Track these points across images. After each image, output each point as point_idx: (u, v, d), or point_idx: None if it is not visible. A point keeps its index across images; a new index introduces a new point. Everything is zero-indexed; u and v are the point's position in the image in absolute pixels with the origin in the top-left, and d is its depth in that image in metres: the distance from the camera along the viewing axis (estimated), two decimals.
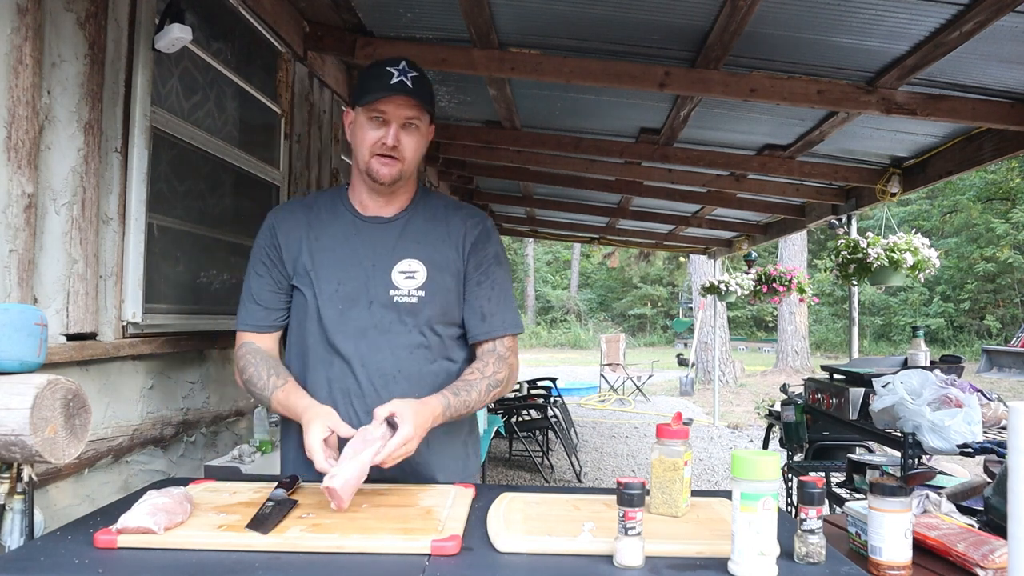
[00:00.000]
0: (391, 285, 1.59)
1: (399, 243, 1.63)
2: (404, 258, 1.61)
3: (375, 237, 1.63)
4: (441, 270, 1.62)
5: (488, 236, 1.69)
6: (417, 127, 1.60)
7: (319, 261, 1.62)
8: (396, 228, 1.65)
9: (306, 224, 1.66)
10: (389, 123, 1.56)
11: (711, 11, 2.50)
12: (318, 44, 3.17)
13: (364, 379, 1.57)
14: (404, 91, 1.54)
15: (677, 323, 22.30)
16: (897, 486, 1.23)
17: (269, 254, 1.66)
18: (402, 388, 1.57)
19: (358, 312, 1.58)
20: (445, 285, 1.62)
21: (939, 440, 2.57)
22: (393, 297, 1.59)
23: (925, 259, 4.37)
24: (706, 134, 4.21)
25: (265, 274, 1.65)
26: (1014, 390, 11.19)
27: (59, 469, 1.69)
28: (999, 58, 2.68)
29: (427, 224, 1.66)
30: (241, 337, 1.66)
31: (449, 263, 1.64)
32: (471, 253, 1.66)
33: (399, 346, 1.58)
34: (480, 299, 1.65)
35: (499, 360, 1.63)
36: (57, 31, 1.68)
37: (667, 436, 1.34)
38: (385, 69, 1.56)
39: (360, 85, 1.61)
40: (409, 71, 1.56)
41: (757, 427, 9.22)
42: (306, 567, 1.06)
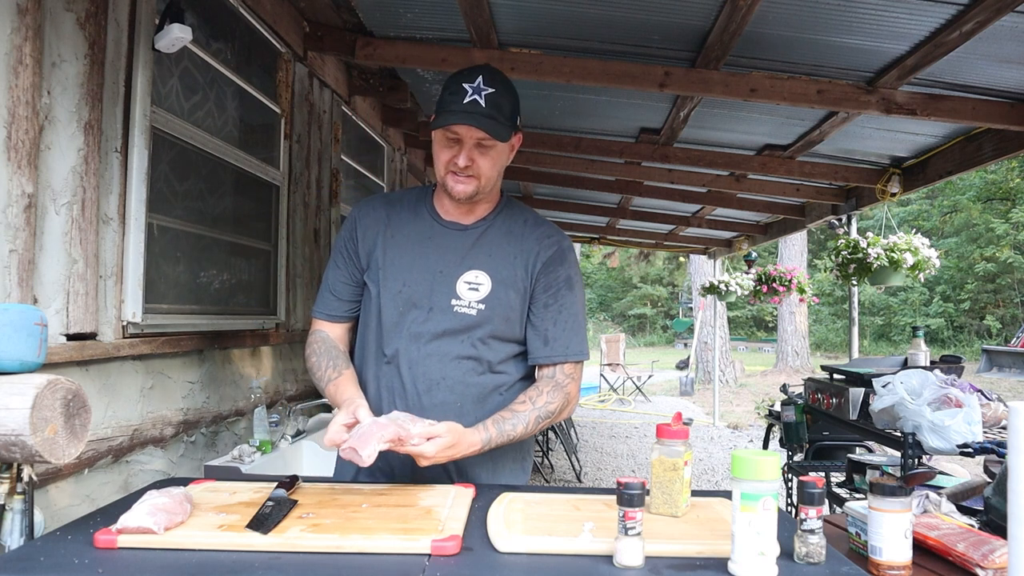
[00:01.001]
0: (454, 294, 1.59)
1: (470, 253, 1.62)
2: (472, 269, 1.60)
3: (449, 243, 1.63)
4: (507, 286, 1.60)
5: (562, 258, 1.65)
6: (493, 146, 1.56)
7: (390, 259, 1.62)
8: (471, 237, 1.63)
9: (385, 220, 1.66)
10: (462, 143, 1.54)
11: (711, 11, 2.50)
12: (318, 44, 3.18)
13: (409, 381, 1.58)
14: (475, 113, 1.50)
15: (677, 323, 22.30)
16: (897, 486, 1.23)
17: (348, 247, 1.67)
18: (443, 395, 1.58)
19: (416, 315, 1.58)
20: (508, 302, 1.60)
21: (939, 440, 2.57)
22: (454, 307, 1.58)
23: (925, 259, 4.37)
24: (706, 134, 4.20)
25: (343, 266, 1.67)
26: (1014, 390, 11.19)
27: (59, 469, 1.69)
28: (999, 58, 2.68)
29: (503, 237, 1.64)
30: (315, 325, 1.70)
31: (516, 280, 1.61)
32: (541, 274, 1.62)
33: (448, 355, 1.58)
34: (546, 322, 1.62)
35: (555, 388, 1.60)
36: (57, 31, 1.68)
37: (667, 436, 1.34)
38: (460, 86, 1.52)
39: (440, 97, 1.58)
40: (484, 88, 1.52)
41: (757, 427, 9.22)
42: (306, 567, 1.06)
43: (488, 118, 1.51)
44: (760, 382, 14.54)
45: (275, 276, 3.05)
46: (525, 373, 1.66)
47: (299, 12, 3.06)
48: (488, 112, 1.51)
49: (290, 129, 3.12)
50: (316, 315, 1.70)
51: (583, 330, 1.68)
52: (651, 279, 31.22)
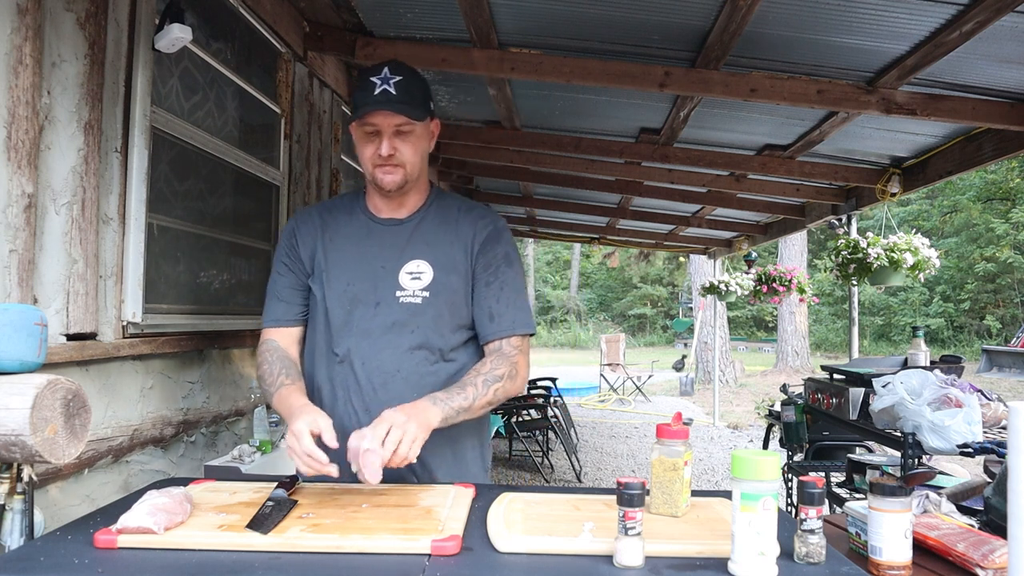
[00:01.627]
0: (398, 286, 1.62)
1: (409, 245, 1.65)
2: (412, 259, 1.63)
3: (387, 239, 1.66)
4: (448, 271, 1.63)
5: (498, 237, 1.69)
6: (411, 130, 1.60)
7: (332, 261, 1.66)
8: (407, 230, 1.67)
9: (322, 226, 1.71)
10: (381, 134, 1.58)
11: (711, 11, 2.50)
12: (318, 44, 3.17)
13: (364, 377, 1.60)
14: (387, 105, 1.54)
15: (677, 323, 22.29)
16: (897, 486, 1.23)
17: (289, 254, 1.71)
18: (399, 388, 1.58)
19: (364, 311, 1.61)
20: (451, 286, 1.63)
21: (939, 440, 2.57)
22: (399, 298, 1.61)
23: (925, 259, 4.37)
24: (706, 134, 4.20)
25: (285, 272, 1.70)
26: (1014, 390, 11.19)
27: (59, 469, 1.69)
28: (999, 58, 2.68)
29: (438, 226, 1.68)
30: (264, 334, 1.70)
31: (457, 264, 1.65)
32: (479, 254, 1.66)
33: (400, 346, 1.60)
34: (489, 299, 1.65)
35: (499, 357, 1.62)
36: (57, 31, 1.68)
37: (667, 436, 1.34)
38: (369, 80, 1.57)
39: (354, 99, 1.63)
40: (392, 77, 1.57)
41: (757, 427, 9.22)
42: (306, 567, 1.06)
43: (401, 103, 1.55)
44: (760, 382, 14.53)
45: None
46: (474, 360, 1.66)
47: (299, 12, 3.06)
48: (400, 98, 1.55)
49: (290, 129, 3.12)
50: (265, 324, 1.70)
51: (526, 304, 1.71)
52: (651, 279, 31.22)
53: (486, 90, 3.69)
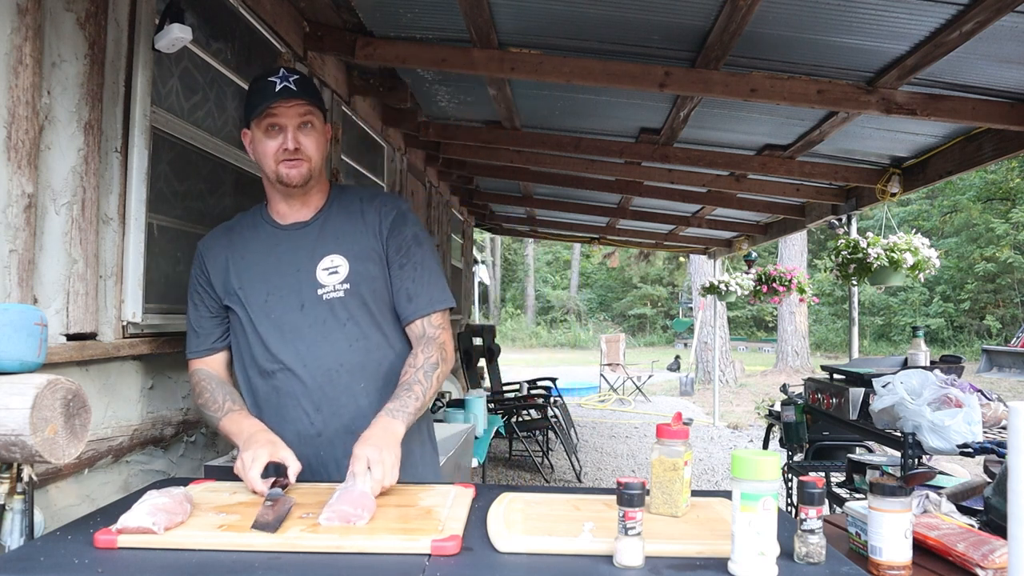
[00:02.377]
0: (317, 284, 1.64)
1: (319, 243, 1.67)
2: (326, 255, 1.65)
3: (296, 242, 1.68)
4: (363, 260, 1.66)
5: (404, 219, 1.72)
6: (313, 125, 1.64)
7: (246, 278, 1.67)
8: (314, 229, 1.69)
9: (228, 246, 1.73)
10: (285, 128, 1.60)
11: (711, 11, 2.50)
12: (318, 44, 3.17)
13: (308, 379, 1.62)
14: (291, 94, 1.58)
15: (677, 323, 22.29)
16: (897, 486, 1.23)
17: (199, 281, 1.73)
18: (345, 380, 1.62)
19: (291, 316, 1.63)
20: (370, 274, 1.65)
21: (939, 440, 2.57)
22: (322, 295, 1.63)
23: (925, 259, 4.37)
24: (706, 134, 4.21)
25: (199, 303, 1.73)
26: (1014, 390, 11.19)
27: (59, 469, 1.69)
28: (999, 58, 2.68)
29: (344, 219, 1.70)
30: (191, 365, 1.75)
31: (370, 252, 1.67)
32: (389, 238, 1.68)
33: (337, 340, 1.62)
34: (404, 281, 1.68)
35: (428, 343, 1.65)
36: (57, 31, 1.68)
37: (667, 436, 1.34)
38: (267, 80, 1.60)
39: (247, 103, 1.65)
40: (290, 75, 1.61)
41: (757, 427, 9.22)
42: (306, 567, 1.06)
43: (305, 94, 1.60)
44: (760, 382, 14.53)
45: None
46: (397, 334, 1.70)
47: (299, 12, 3.06)
48: (302, 91, 1.60)
49: None
50: (189, 356, 1.74)
51: (442, 280, 1.73)
52: (651, 279, 31.22)
53: (486, 90, 3.69)
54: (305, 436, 1.62)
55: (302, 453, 1.52)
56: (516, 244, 33.36)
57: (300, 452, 1.52)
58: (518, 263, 34.80)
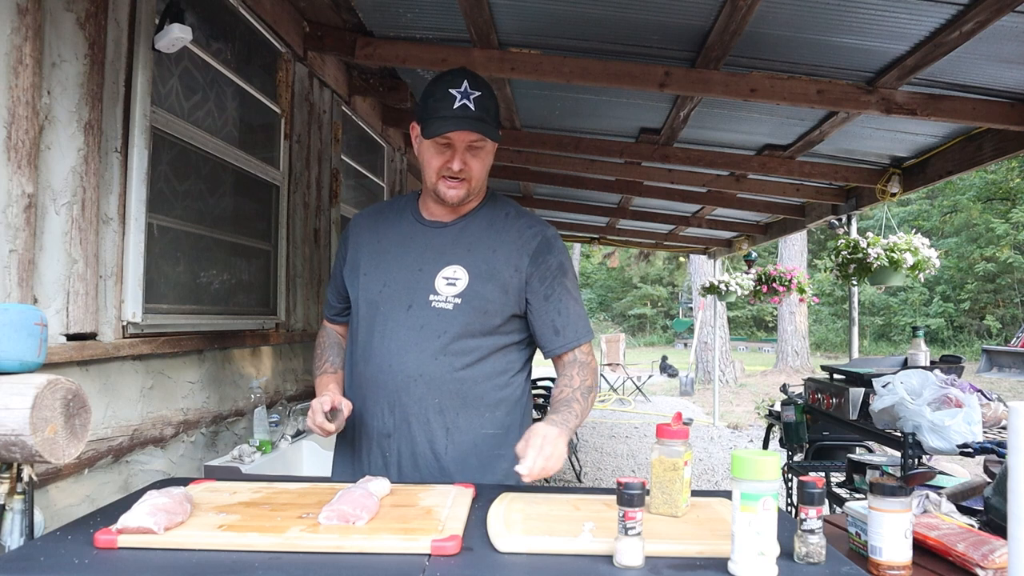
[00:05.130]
0: (432, 290, 1.61)
1: (451, 248, 1.64)
2: (451, 264, 1.62)
3: (429, 241, 1.66)
4: (484, 280, 1.61)
5: (550, 246, 1.65)
6: (481, 146, 1.60)
7: (373, 263, 1.69)
8: (451, 233, 1.66)
9: (373, 228, 1.74)
10: (455, 147, 1.57)
11: (711, 11, 2.50)
12: (318, 44, 3.17)
13: (390, 378, 1.62)
14: (467, 117, 1.53)
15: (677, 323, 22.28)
16: (897, 486, 1.23)
17: (342, 255, 1.79)
18: (420, 392, 1.61)
19: (397, 314, 1.63)
20: (484, 295, 1.60)
21: (939, 440, 2.57)
22: (431, 302, 1.61)
23: (925, 259, 4.37)
24: (706, 134, 4.20)
25: (337, 274, 1.80)
26: (1014, 390, 11.19)
27: (59, 469, 1.69)
28: (999, 58, 2.68)
29: (483, 231, 1.66)
30: (324, 323, 1.89)
31: (496, 272, 1.61)
32: (531, 266, 1.62)
33: (425, 351, 1.60)
34: (551, 313, 1.64)
35: (583, 368, 1.64)
36: (57, 31, 1.68)
37: (667, 436, 1.34)
38: (448, 92, 1.54)
39: (424, 105, 1.60)
40: (471, 92, 1.54)
41: (757, 427, 9.22)
42: (306, 567, 1.06)
43: (480, 121, 1.54)
44: (760, 382, 14.53)
45: (275, 276, 3.05)
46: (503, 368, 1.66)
47: (299, 12, 3.06)
48: (478, 115, 1.55)
49: (290, 129, 3.12)
50: (325, 315, 1.88)
51: (584, 312, 1.71)
52: (651, 279, 31.21)
53: None
54: (379, 432, 1.65)
55: (376, 447, 1.65)
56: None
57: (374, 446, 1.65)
58: None
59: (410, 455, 1.63)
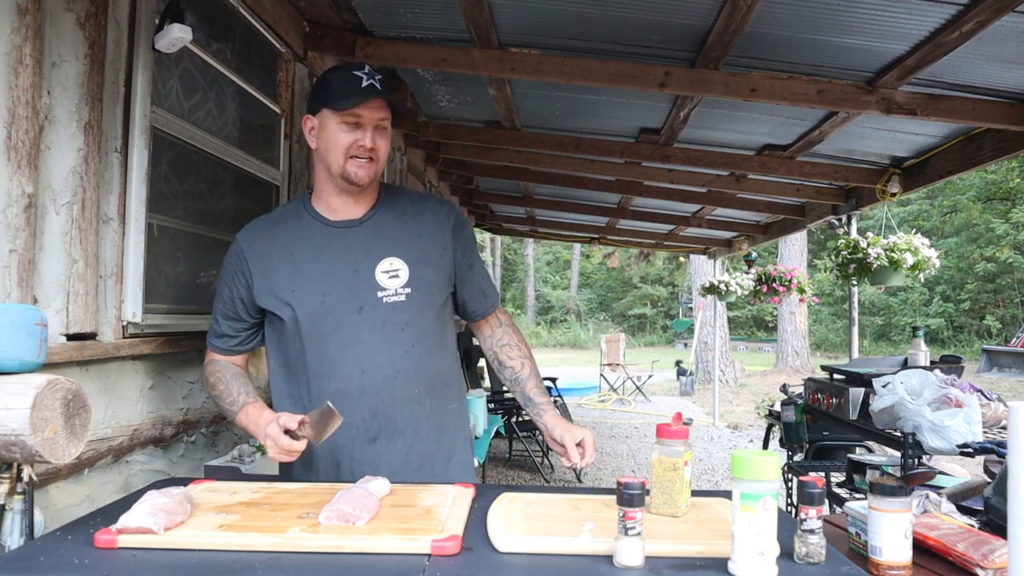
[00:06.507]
0: (377, 287, 1.60)
1: (375, 243, 1.64)
2: (384, 257, 1.63)
3: (349, 241, 1.65)
4: (422, 264, 1.64)
5: (462, 221, 1.76)
6: (387, 127, 1.63)
7: (297, 280, 1.62)
8: (369, 228, 1.67)
9: (274, 243, 1.67)
10: (364, 126, 1.59)
11: (711, 11, 2.50)
12: (318, 44, 3.17)
13: (367, 384, 1.59)
14: (377, 94, 1.57)
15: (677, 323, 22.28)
16: (897, 486, 1.23)
17: (237, 279, 1.67)
18: (402, 387, 1.60)
19: (350, 319, 1.59)
20: (427, 278, 1.65)
21: (939, 440, 2.57)
22: (382, 298, 1.60)
23: (925, 259, 4.37)
24: (706, 134, 4.20)
25: (230, 300, 1.69)
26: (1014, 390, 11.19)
27: (59, 469, 1.69)
28: (999, 58, 2.68)
29: (399, 220, 1.68)
30: (209, 355, 1.74)
31: (430, 256, 1.66)
32: (455, 240, 1.71)
33: (395, 345, 1.60)
34: (476, 279, 1.76)
35: (510, 327, 1.81)
36: (57, 31, 1.68)
37: (667, 436, 1.34)
38: (353, 74, 1.58)
39: (326, 89, 1.61)
40: (375, 74, 1.60)
41: (757, 427, 9.22)
42: (306, 567, 1.06)
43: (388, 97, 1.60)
44: (760, 382, 14.53)
45: None
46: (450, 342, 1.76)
47: (299, 12, 3.06)
48: (386, 93, 1.59)
49: (290, 129, 3.12)
50: (212, 348, 1.74)
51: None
52: (651, 279, 31.21)
53: (486, 90, 3.69)
54: (361, 441, 1.61)
55: (357, 457, 1.59)
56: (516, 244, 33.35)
57: (355, 456, 1.59)
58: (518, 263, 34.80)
59: (402, 451, 1.62)
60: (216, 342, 1.73)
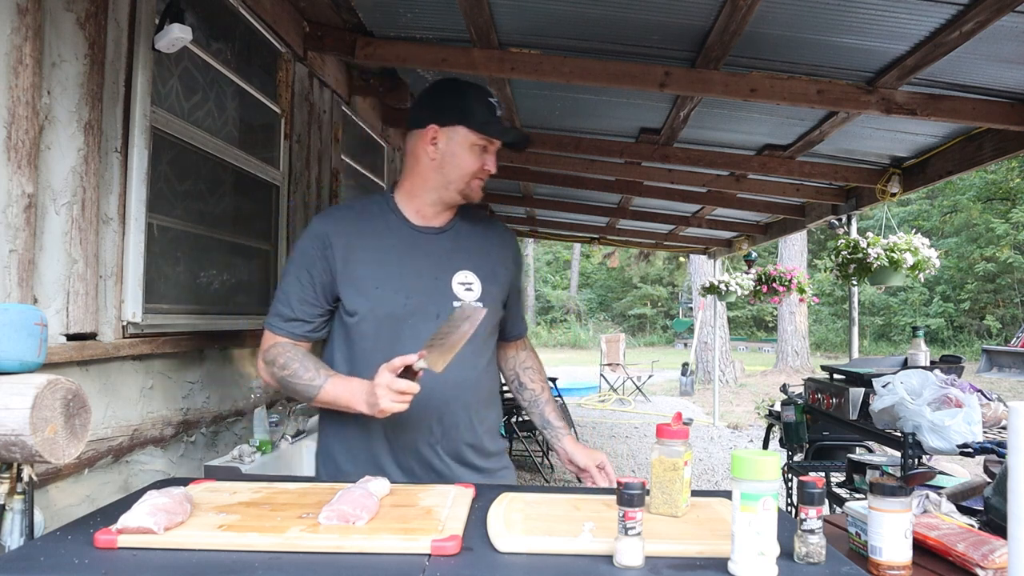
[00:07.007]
0: (453, 296, 1.64)
1: (454, 254, 1.67)
2: (461, 269, 1.66)
3: (432, 248, 1.67)
4: (491, 281, 1.70)
5: (519, 245, 1.85)
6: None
7: (383, 274, 1.61)
8: (448, 238, 1.69)
9: (358, 234, 1.63)
10: (490, 151, 1.65)
11: (711, 11, 2.50)
12: (318, 44, 3.17)
13: (436, 390, 1.57)
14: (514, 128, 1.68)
15: (677, 323, 22.28)
16: (897, 486, 1.23)
17: (316, 263, 1.60)
18: (465, 396, 1.65)
19: (427, 325, 1.57)
20: (494, 295, 1.70)
21: (939, 440, 2.57)
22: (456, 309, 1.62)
23: (925, 259, 4.37)
24: (706, 134, 4.20)
25: (307, 284, 1.61)
26: (1014, 390, 11.19)
27: (59, 469, 1.69)
28: (999, 58, 2.68)
29: (474, 236, 1.73)
30: (272, 338, 1.63)
31: (497, 275, 1.72)
32: (514, 263, 1.80)
33: (463, 356, 1.55)
34: (518, 304, 1.85)
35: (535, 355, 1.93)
36: (57, 31, 1.68)
37: (667, 436, 1.34)
38: (488, 100, 1.64)
39: (465, 108, 1.62)
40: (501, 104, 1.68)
41: (757, 427, 9.22)
42: (306, 567, 1.06)
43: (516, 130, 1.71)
44: (760, 382, 14.53)
45: (275, 276, 3.05)
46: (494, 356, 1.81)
47: (299, 12, 3.06)
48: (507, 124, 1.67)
49: (290, 129, 3.12)
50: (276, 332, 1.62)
51: None
52: (651, 279, 31.21)
53: None
54: (426, 445, 1.63)
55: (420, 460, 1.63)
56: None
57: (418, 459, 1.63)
58: None
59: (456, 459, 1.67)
60: (285, 326, 1.62)
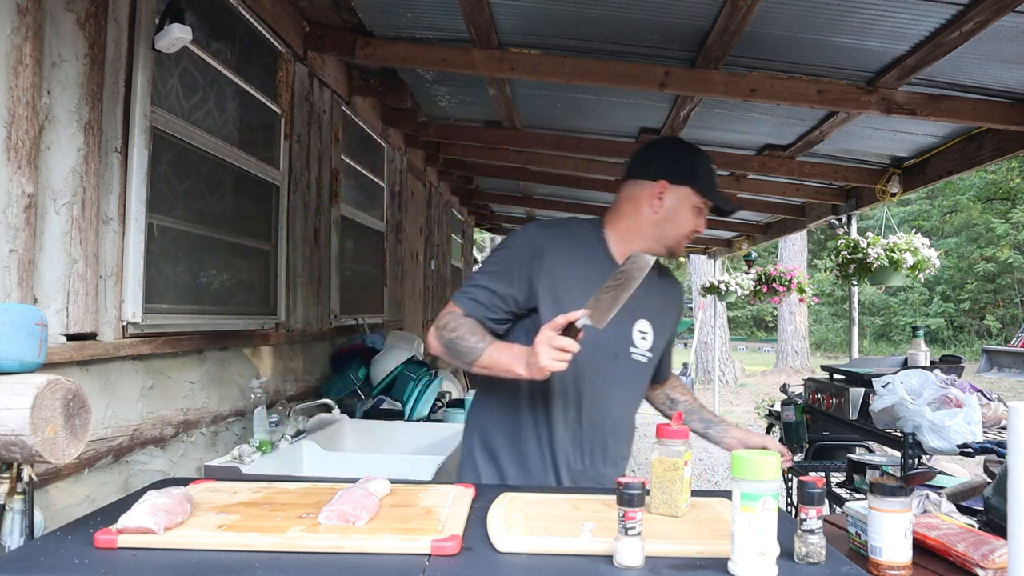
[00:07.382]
0: (632, 343, 1.69)
1: (640, 303, 1.64)
2: (641, 318, 1.71)
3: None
4: (660, 335, 1.75)
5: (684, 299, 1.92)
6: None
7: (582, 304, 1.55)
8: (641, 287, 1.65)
9: (571, 261, 1.65)
10: (703, 214, 1.71)
11: (711, 11, 2.50)
12: (318, 44, 3.17)
13: (587, 424, 1.66)
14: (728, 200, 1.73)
15: None
16: (897, 486, 1.23)
17: (523, 271, 1.62)
18: (610, 440, 1.69)
19: (606, 363, 1.66)
20: (659, 348, 1.76)
21: (939, 440, 2.57)
22: (632, 354, 1.69)
23: (925, 259, 4.37)
24: (706, 134, 4.20)
25: (509, 284, 1.61)
26: (1014, 390, 11.19)
27: (59, 469, 1.69)
28: (999, 58, 2.68)
29: (655, 288, 1.75)
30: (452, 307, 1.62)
31: (665, 329, 1.78)
32: (677, 320, 1.86)
33: (629, 402, 1.71)
34: (670, 353, 1.89)
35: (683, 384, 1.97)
36: (57, 31, 1.68)
37: (667, 436, 1.34)
38: (711, 167, 1.72)
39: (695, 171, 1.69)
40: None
41: (757, 427, 9.22)
42: (306, 567, 1.06)
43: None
44: (760, 382, 14.53)
45: (275, 276, 3.05)
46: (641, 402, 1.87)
47: (299, 12, 3.06)
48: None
49: (290, 129, 3.12)
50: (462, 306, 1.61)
51: None
52: None
53: (486, 90, 3.69)
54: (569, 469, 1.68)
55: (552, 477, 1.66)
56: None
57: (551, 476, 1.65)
58: None
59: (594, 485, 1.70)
60: (469, 304, 1.61)
